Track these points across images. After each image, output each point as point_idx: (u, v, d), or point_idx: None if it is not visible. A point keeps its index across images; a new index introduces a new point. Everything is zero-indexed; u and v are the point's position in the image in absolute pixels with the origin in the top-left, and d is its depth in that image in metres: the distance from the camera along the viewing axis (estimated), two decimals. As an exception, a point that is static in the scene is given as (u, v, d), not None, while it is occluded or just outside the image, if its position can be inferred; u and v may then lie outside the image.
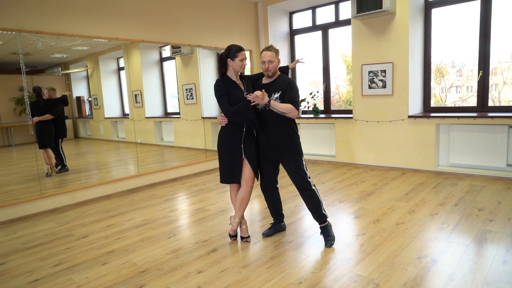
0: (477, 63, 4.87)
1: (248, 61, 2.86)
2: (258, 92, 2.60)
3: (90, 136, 5.79)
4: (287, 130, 2.86)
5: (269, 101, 2.67)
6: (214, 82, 2.82)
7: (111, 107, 5.88)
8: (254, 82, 2.99)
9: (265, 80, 2.94)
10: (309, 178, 2.89)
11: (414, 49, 5.08)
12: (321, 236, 2.93)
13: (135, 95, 5.90)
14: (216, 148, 2.97)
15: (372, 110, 5.47)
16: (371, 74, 5.38)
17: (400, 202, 3.82)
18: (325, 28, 6.31)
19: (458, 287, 2.16)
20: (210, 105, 6.36)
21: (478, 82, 4.86)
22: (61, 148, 4.87)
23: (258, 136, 2.93)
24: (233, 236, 3.06)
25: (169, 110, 6.49)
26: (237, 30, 6.26)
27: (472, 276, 2.27)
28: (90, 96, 5.66)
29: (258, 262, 2.62)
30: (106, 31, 4.58)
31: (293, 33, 6.84)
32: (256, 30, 6.60)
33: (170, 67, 6.38)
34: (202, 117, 6.19)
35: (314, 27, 6.48)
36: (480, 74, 4.82)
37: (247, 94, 2.81)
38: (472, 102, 5.13)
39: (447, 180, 4.62)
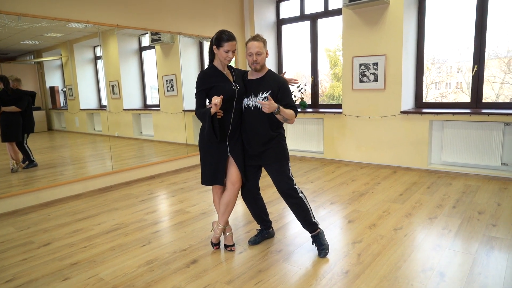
0: (460, 59, 4.79)
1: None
2: (268, 102, 2.28)
3: (65, 128, 5.36)
4: (272, 131, 2.52)
5: (278, 108, 2.34)
6: (196, 73, 2.47)
7: (87, 98, 5.46)
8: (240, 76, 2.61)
9: (251, 76, 2.56)
10: (295, 184, 2.57)
11: (407, 42, 4.83)
12: (314, 245, 2.63)
13: (112, 86, 5.47)
14: (197, 143, 2.62)
15: (362, 105, 5.21)
16: (362, 67, 5.11)
17: (395, 204, 3.57)
18: (314, 18, 5.99)
19: (472, 307, 1.91)
20: (191, 98, 5.94)
21: (473, 77, 4.66)
22: (26, 143, 4.42)
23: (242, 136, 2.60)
24: (216, 244, 2.74)
25: (148, 102, 6.09)
26: (221, 17, 5.87)
27: (485, 293, 2.02)
28: (64, 86, 5.24)
29: (245, 277, 2.31)
30: (76, 13, 4.13)
31: (280, 22, 6.50)
32: (241, 18, 6.22)
33: (149, 56, 5.96)
34: (183, 110, 5.82)
35: (302, 17, 6.16)
36: (475, 69, 4.62)
37: (236, 86, 2.47)
38: (452, 98, 5.03)
39: (440, 179, 4.42)
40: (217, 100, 2.24)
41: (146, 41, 5.79)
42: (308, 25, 6.07)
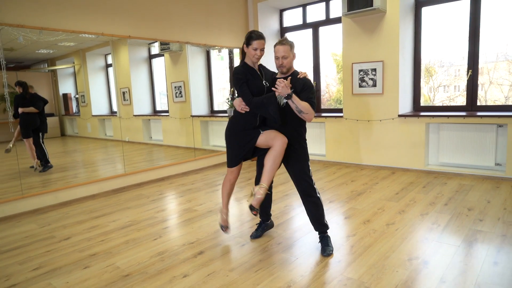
0: (465, 62, 4.89)
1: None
2: (282, 81, 2.37)
3: (77, 134, 5.66)
4: (297, 133, 2.71)
5: (292, 93, 2.40)
6: (203, 79, 2.71)
7: (98, 105, 5.76)
8: (270, 76, 2.77)
9: (278, 75, 2.74)
10: (314, 184, 2.73)
11: (404, 48, 5.05)
12: (311, 238, 2.87)
13: (123, 93, 5.77)
14: (205, 148, 2.86)
15: (362, 109, 5.43)
16: (361, 73, 5.34)
17: (390, 202, 3.78)
18: (315, 26, 6.25)
19: (450, 290, 2.12)
20: (199, 103, 6.25)
21: (468, 81, 4.86)
22: (43, 143, 4.75)
23: None
24: (226, 227, 2.95)
25: (158, 108, 6.37)
26: (226, 27, 6.16)
27: (463, 278, 2.23)
28: (77, 93, 5.54)
29: (246, 265, 2.55)
30: (92, 26, 4.44)
31: (283, 30, 6.77)
32: (246, 27, 6.51)
33: (159, 64, 6.26)
34: (191, 115, 6.09)
35: (304, 25, 6.42)
36: (470, 73, 4.81)
37: (266, 83, 2.67)
38: (460, 101, 5.15)
39: (436, 179, 4.61)
40: (285, 82, 2.39)
41: (155, 49, 6.08)
42: (311, 32, 6.32)
